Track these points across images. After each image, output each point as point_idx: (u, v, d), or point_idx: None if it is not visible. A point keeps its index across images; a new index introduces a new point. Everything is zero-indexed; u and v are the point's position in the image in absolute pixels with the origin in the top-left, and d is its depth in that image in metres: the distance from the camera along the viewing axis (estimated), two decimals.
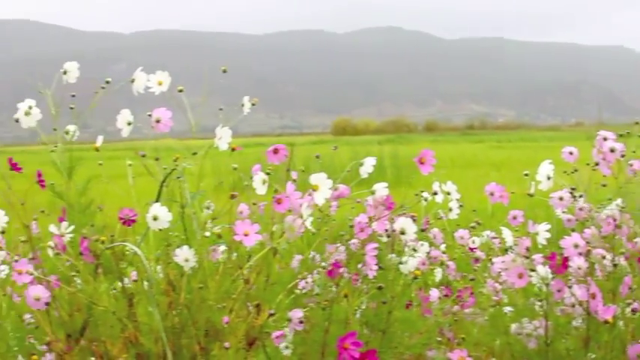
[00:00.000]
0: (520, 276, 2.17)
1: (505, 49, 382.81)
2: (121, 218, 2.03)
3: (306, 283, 2.22)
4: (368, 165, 2.02)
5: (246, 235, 1.85)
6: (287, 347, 2.12)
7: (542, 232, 2.18)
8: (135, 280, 2.02)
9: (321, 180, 1.90)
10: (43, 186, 2.08)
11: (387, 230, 2.12)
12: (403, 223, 2.06)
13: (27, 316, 2.34)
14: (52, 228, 2.07)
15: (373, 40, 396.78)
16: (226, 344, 1.83)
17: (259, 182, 1.92)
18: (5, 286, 2.31)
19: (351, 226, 2.09)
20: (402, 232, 2.07)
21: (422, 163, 2.03)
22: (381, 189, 2.04)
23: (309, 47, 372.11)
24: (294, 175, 2.07)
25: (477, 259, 2.61)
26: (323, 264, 2.18)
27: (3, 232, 2.32)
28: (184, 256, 1.93)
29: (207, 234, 1.98)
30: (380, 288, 2.08)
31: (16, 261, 2.08)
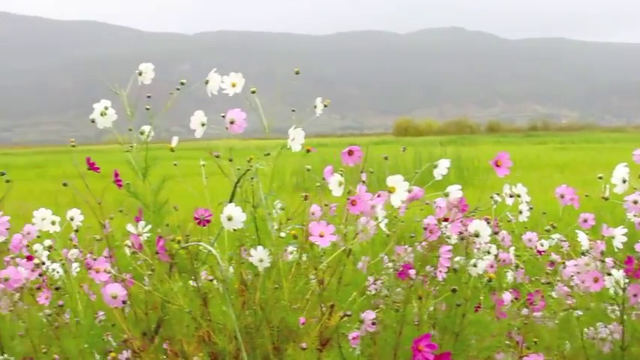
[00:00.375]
0: (596, 280, 2.14)
1: (569, 50, 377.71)
2: (196, 218, 2.04)
3: (375, 284, 2.21)
4: (442, 167, 2.00)
5: (321, 236, 1.84)
6: (355, 348, 2.12)
7: (619, 235, 2.15)
8: (210, 280, 2.03)
9: (397, 182, 1.88)
10: (119, 185, 2.11)
11: (460, 233, 2.10)
12: (477, 225, 2.04)
13: (100, 314, 2.38)
14: (130, 227, 2.10)
15: (435, 41, 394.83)
16: (303, 345, 1.83)
17: (335, 184, 1.91)
18: (81, 283, 2.35)
19: (425, 228, 2.08)
20: (476, 235, 2.05)
21: (498, 165, 2.01)
22: (455, 191, 2.03)
23: (370, 48, 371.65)
24: (363, 176, 2.06)
25: (552, 263, 2.58)
26: (392, 266, 2.17)
27: (77, 231, 2.36)
28: (259, 256, 1.94)
29: (283, 234, 1.98)
30: (454, 290, 2.07)
31: (94, 259, 2.11)
